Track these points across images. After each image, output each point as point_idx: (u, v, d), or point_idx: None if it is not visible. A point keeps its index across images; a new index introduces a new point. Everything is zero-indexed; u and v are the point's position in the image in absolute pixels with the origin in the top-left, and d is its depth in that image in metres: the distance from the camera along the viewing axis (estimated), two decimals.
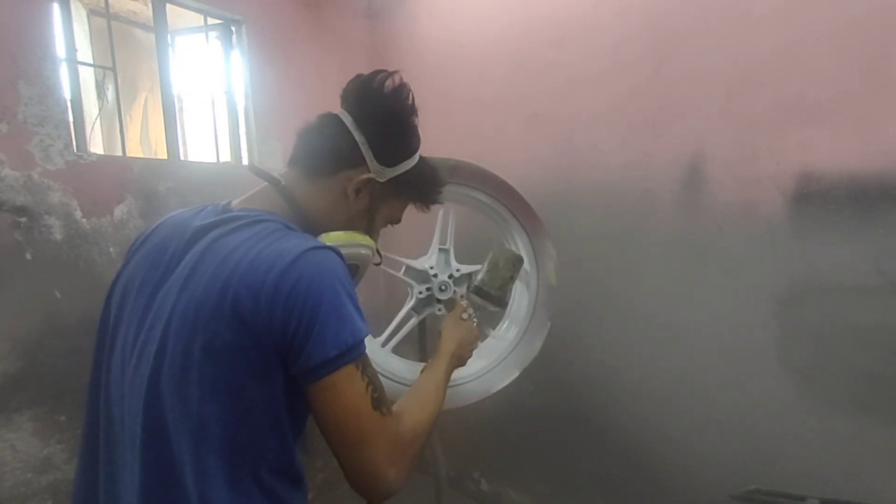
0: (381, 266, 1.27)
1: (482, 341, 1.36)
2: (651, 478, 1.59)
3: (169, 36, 1.75)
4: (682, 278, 1.47)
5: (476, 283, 1.10)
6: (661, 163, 1.47)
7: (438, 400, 0.80)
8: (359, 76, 0.73)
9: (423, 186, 0.80)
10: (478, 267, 1.30)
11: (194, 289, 0.57)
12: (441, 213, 1.36)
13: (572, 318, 1.59)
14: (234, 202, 0.70)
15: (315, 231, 0.70)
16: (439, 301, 1.28)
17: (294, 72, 1.99)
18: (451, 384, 1.30)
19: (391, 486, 0.60)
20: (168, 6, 1.72)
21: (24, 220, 1.34)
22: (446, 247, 1.30)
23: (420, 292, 1.27)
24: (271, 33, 1.93)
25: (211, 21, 1.86)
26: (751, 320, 1.35)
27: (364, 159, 0.71)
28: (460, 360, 0.97)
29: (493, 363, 1.36)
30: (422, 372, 0.89)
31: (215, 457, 0.56)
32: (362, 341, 0.59)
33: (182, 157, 1.87)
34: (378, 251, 0.80)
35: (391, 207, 0.79)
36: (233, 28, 1.90)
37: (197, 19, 1.86)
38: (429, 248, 1.31)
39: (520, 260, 1.11)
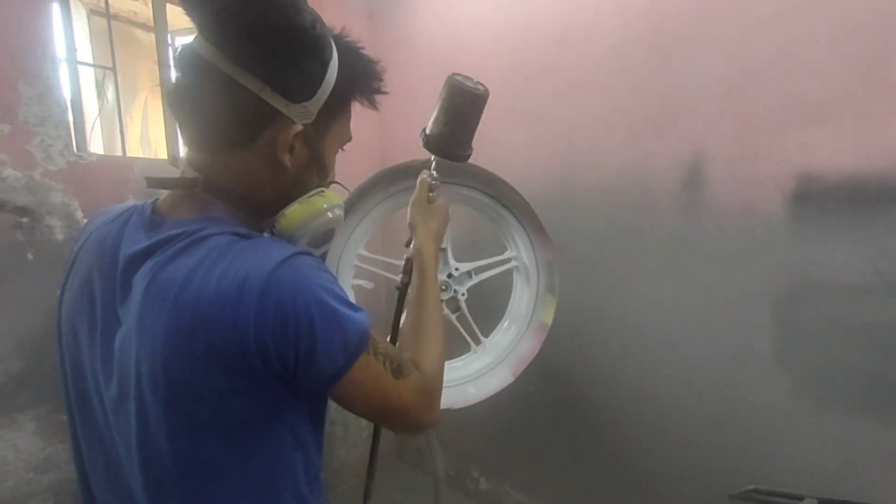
0: (384, 274, 1.25)
1: (478, 345, 1.35)
2: (649, 477, 1.59)
3: (169, 36, 1.75)
4: (681, 278, 1.47)
5: (436, 140, 0.89)
6: (661, 163, 1.48)
7: (440, 317, 0.74)
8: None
9: (359, 83, 0.62)
10: (479, 264, 1.26)
11: (153, 341, 0.49)
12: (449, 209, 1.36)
13: (572, 318, 1.59)
14: (160, 202, 0.59)
15: (266, 210, 0.60)
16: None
17: None
18: (450, 384, 1.30)
19: (432, 423, 0.64)
20: (168, 6, 1.72)
21: (25, 220, 1.34)
22: (444, 246, 1.28)
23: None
24: None
25: None
26: (749, 320, 1.35)
27: (274, 109, 0.54)
28: (439, 249, 0.87)
29: (492, 363, 1.36)
30: (411, 291, 0.79)
31: (241, 497, 0.54)
32: (366, 330, 0.55)
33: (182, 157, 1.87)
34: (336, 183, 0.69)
35: (336, 134, 0.63)
36: None
37: None
38: None
39: (486, 98, 0.89)
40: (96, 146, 2.24)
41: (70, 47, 1.52)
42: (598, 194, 1.61)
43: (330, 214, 0.62)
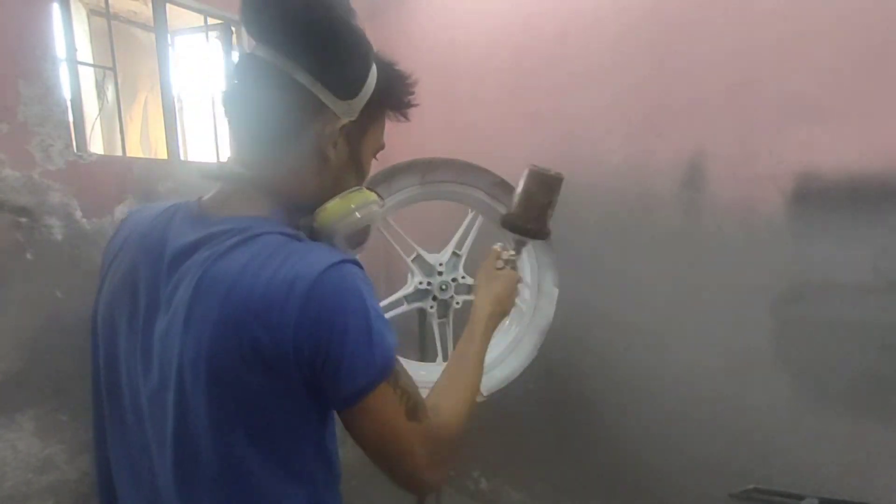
0: (393, 244, 1.28)
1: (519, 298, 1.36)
2: (650, 476, 1.59)
3: (169, 36, 1.75)
4: (681, 276, 1.47)
5: (510, 217, 0.97)
6: (661, 161, 1.47)
7: (476, 378, 0.74)
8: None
9: (393, 94, 0.66)
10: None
11: (201, 332, 0.50)
12: (468, 218, 1.38)
13: (571, 317, 1.59)
14: (206, 199, 0.61)
15: (305, 207, 0.62)
16: (434, 298, 1.28)
17: None
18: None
19: (433, 486, 0.62)
20: (168, 6, 1.72)
21: (24, 220, 1.34)
22: (460, 252, 1.32)
23: (420, 283, 1.27)
24: None
25: (211, 21, 1.86)
26: (750, 319, 1.35)
27: (323, 104, 0.57)
28: (502, 315, 0.89)
29: (493, 363, 1.36)
30: (459, 344, 0.80)
31: (263, 495, 0.55)
32: (392, 357, 0.55)
33: (182, 157, 1.87)
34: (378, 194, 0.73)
35: (372, 138, 0.66)
36: (233, 28, 1.90)
37: (197, 19, 1.86)
38: (444, 248, 1.33)
39: (558, 180, 0.98)
40: (96, 146, 2.24)
41: (70, 47, 1.52)
42: (598, 191, 1.61)
43: (367, 209, 0.64)
